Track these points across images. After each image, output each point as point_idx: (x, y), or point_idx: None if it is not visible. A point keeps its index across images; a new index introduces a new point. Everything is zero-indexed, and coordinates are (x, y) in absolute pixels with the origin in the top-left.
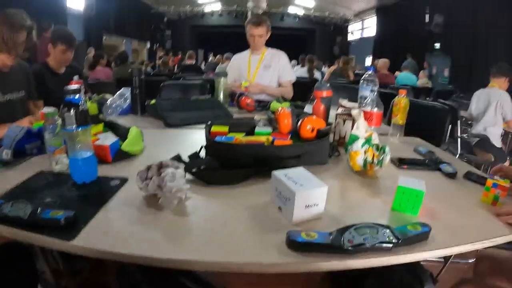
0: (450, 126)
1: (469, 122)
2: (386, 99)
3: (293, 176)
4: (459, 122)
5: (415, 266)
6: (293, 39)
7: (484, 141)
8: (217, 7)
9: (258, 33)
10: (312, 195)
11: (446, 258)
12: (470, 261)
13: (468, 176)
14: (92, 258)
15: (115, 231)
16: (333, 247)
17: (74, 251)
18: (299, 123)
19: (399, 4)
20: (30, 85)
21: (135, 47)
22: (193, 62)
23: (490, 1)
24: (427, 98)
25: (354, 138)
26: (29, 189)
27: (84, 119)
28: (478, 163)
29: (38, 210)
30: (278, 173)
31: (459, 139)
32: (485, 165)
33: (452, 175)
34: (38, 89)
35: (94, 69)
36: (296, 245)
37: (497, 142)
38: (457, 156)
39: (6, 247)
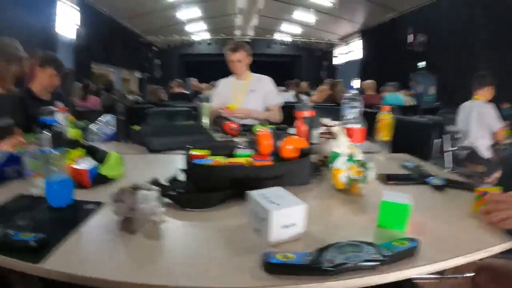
0: (435, 140)
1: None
2: (372, 118)
3: (269, 196)
4: (445, 136)
5: (405, 284)
6: (280, 65)
7: (472, 154)
8: (206, 35)
9: (236, 58)
10: (289, 214)
11: (442, 274)
12: (469, 275)
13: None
14: None
15: (86, 254)
16: (311, 268)
17: (43, 274)
18: (279, 143)
19: (382, 25)
20: (17, 113)
21: (124, 76)
22: (183, 90)
23: (471, 19)
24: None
25: (335, 156)
26: (5, 213)
27: (59, 141)
28: (469, 175)
29: (9, 233)
30: (253, 193)
31: (445, 153)
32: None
33: (440, 188)
34: (20, 115)
35: (86, 98)
36: (271, 267)
37: (485, 153)
38: (446, 170)
39: None
